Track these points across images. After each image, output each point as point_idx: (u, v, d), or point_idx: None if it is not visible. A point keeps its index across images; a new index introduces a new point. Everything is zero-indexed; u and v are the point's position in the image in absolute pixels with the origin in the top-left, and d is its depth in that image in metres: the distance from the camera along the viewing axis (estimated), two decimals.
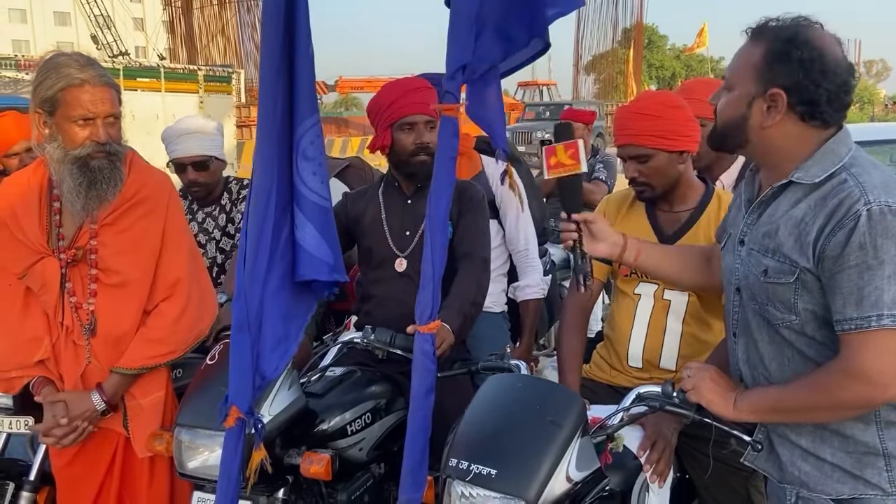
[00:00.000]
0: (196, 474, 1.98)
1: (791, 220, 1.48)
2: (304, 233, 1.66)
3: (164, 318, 2.12)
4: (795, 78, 1.44)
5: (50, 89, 1.97)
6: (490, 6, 1.56)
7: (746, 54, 1.52)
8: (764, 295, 1.53)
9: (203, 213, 3.05)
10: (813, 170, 1.47)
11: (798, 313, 1.49)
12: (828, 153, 1.48)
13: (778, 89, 1.46)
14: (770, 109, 1.48)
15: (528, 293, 2.93)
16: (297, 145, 1.62)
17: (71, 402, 2.07)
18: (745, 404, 1.56)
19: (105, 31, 27.99)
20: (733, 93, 1.54)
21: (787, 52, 1.45)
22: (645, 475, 1.88)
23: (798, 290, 1.47)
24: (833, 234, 1.40)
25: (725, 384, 1.61)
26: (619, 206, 2.31)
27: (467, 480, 1.59)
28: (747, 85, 1.50)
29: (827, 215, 1.42)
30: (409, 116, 2.39)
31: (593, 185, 4.66)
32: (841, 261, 1.39)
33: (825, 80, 1.44)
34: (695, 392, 1.61)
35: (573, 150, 1.76)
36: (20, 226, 2.08)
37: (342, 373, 2.32)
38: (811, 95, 1.44)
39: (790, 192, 1.51)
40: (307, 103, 1.62)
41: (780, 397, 1.53)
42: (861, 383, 1.40)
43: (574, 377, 2.19)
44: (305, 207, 1.65)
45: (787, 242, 1.48)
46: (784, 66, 1.45)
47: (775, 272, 1.50)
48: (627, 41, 36.83)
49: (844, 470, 1.49)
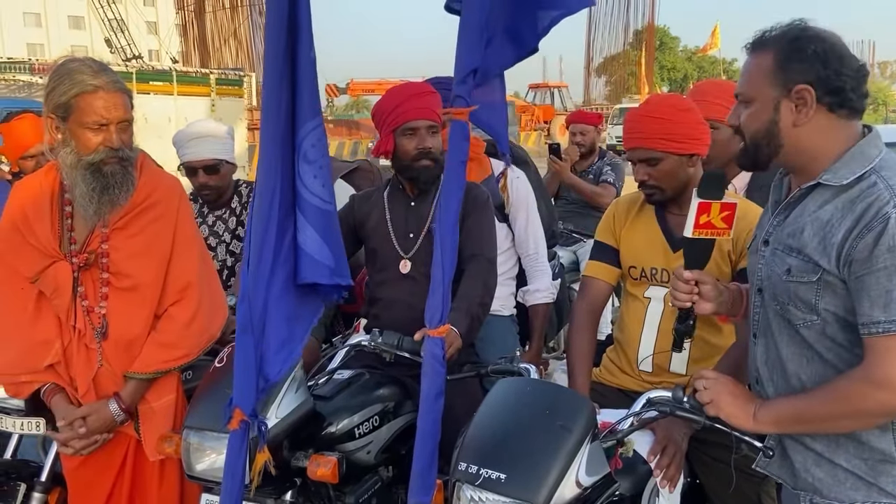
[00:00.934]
0: (204, 476, 1.98)
1: (817, 222, 1.47)
2: (305, 236, 1.66)
3: (176, 322, 2.13)
4: (816, 70, 1.45)
5: (63, 95, 1.98)
6: (500, 9, 1.56)
7: (756, 65, 1.52)
8: (786, 294, 1.52)
9: (213, 216, 3.07)
10: (842, 171, 1.46)
11: (819, 313, 1.47)
12: (857, 155, 1.47)
13: (803, 85, 1.46)
14: (799, 107, 1.48)
15: (538, 297, 2.92)
16: (299, 148, 1.62)
17: (90, 415, 2.08)
18: (765, 416, 1.54)
19: (118, 34, 28.24)
20: (754, 105, 1.53)
21: (800, 48, 1.46)
22: (655, 480, 1.88)
23: (820, 290, 1.46)
24: (861, 237, 1.39)
25: (744, 396, 1.59)
26: (628, 209, 2.30)
27: (476, 484, 1.58)
28: (767, 92, 1.50)
29: (855, 218, 1.40)
30: (411, 122, 2.40)
31: (602, 188, 4.64)
32: (869, 263, 1.38)
33: (844, 66, 1.45)
34: (713, 406, 1.58)
35: (730, 213, 1.62)
36: (32, 230, 2.09)
37: (350, 375, 2.32)
38: (836, 84, 1.45)
39: (818, 194, 1.50)
40: (309, 106, 1.62)
41: (801, 408, 1.50)
42: (883, 391, 1.38)
43: (584, 381, 2.18)
44: (306, 210, 1.65)
45: (812, 243, 1.46)
46: (801, 64, 1.45)
47: (798, 271, 1.48)
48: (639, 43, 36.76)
49: (859, 477, 1.48)
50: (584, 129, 4.90)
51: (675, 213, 2.20)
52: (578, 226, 4.65)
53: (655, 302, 2.20)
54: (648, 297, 2.21)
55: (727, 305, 1.74)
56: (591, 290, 2.31)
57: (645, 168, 2.14)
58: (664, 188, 2.14)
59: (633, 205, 2.30)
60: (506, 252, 2.91)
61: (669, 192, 2.15)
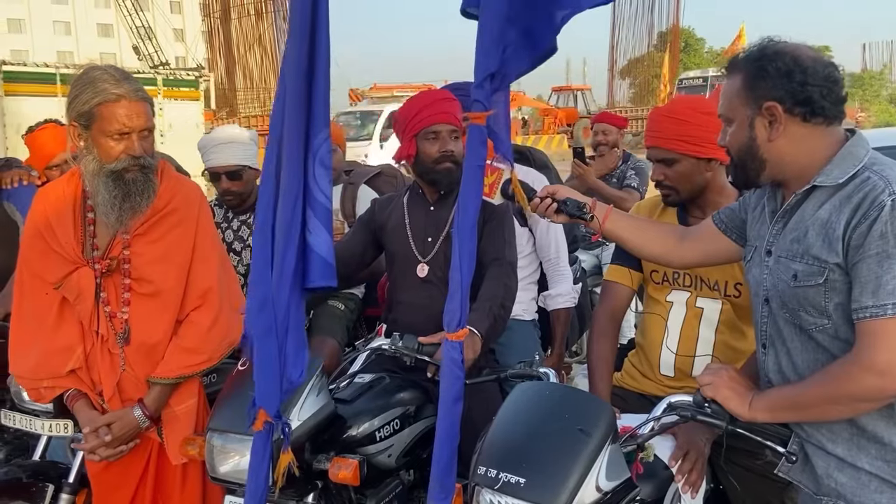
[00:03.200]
0: (227, 478, 2.00)
1: (818, 222, 1.50)
2: (317, 238, 1.67)
3: (197, 328, 2.15)
4: (782, 85, 1.50)
5: (86, 104, 2.01)
6: (517, 13, 1.56)
7: (729, 87, 1.61)
8: (795, 301, 1.53)
9: (238, 220, 3.10)
10: (834, 172, 1.50)
11: (829, 315, 1.48)
12: (846, 156, 1.51)
13: (770, 102, 1.52)
14: (772, 122, 1.53)
15: (559, 302, 2.92)
16: (316, 152, 1.64)
17: (115, 422, 2.10)
18: (760, 403, 1.56)
19: (146, 42, 28.64)
20: (734, 124, 1.60)
21: (762, 67, 1.53)
22: (677, 486, 1.86)
23: (827, 291, 1.47)
24: (858, 225, 1.42)
25: (744, 383, 1.61)
26: (650, 212, 2.28)
27: (496, 489, 1.58)
28: (741, 111, 1.57)
29: (853, 209, 1.44)
30: (434, 126, 2.42)
31: (625, 193, 4.60)
32: (862, 250, 1.41)
33: (809, 77, 1.49)
34: (711, 387, 1.61)
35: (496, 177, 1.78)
36: (55, 236, 2.12)
37: (371, 379, 2.33)
38: (802, 96, 1.50)
39: (814, 197, 1.53)
40: (323, 112, 1.65)
41: (795, 393, 1.53)
42: (872, 374, 1.39)
43: (604, 385, 2.17)
44: (320, 213, 1.67)
45: (816, 243, 1.49)
46: (766, 81, 1.52)
47: (804, 275, 1.50)
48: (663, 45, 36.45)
49: (883, 479, 1.47)
50: (607, 129, 4.88)
51: (696, 217, 2.18)
52: None
53: (678, 306, 2.18)
54: (671, 301, 2.20)
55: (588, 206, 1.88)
56: (613, 294, 2.29)
57: (661, 168, 2.14)
58: (679, 189, 2.13)
59: (655, 208, 2.28)
60: (527, 256, 2.90)
61: (684, 195, 2.14)
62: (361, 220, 2.71)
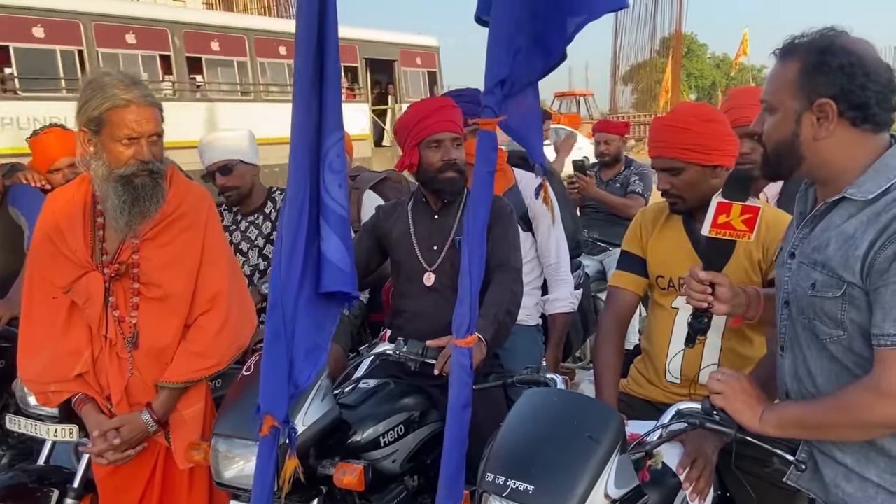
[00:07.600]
0: (233, 484, 2.00)
1: (842, 236, 1.45)
2: (330, 244, 1.66)
3: (205, 332, 2.15)
4: (840, 85, 1.42)
5: (96, 109, 2.01)
6: (528, 20, 1.56)
7: (781, 73, 1.50)
8: (811, 309, 1.50)
9: (247, 221, 3.11)
10: (866, 185, 1.44)
11: (845, 328, 1.45)
12: (881, 168, 1.44)
13: (825, 99, 1.44)
14: (821, 120, 1.46)
15: (557, 307, 2.92)
16: (325, 157, 1.64)
17: (123, 426, 2.10)
18: (772, 417, 1.54)
19: None
20: (777, 114, 1.51)
21: (824, 61, 1.43)
22: (685, 493, 1.85)
23: (845, 305, 1.44)
24: (883, 249, 1.37)
25: (756, 395, 1.59)
26: (655, 218, 2.28)
27: (504, 496, 1.57)
28: (790, 102, 1.48)
29: (879, 230, 1.38)
30: (436, 134, 2.42)
31: (630, 200, 4.60)
32: (886, 275, 1.36)
33: (870, 81, 1.41)
34: (722, 397, 1.59)
35: (751, 216, 1.61)
36: (65, 241, 2.12)
37: (375, 384, 2.32)
38: (860, 99, 1.42)
39: (843, 208, 1.48)
40: (333, 118, 1.64)
41: (807, 413, 1.50)
42: (890, 402, 1.37)
43: (611, 392, 2.16)
44: (331, 219, 1.66)
45: (835, 257, 1.44)
46: (825, 76, 1.43)
47: (823, 286, 1.47)
48: (666, 50, 36.47)
49: (889, 491, 1.45)
50: (609, 139, 4.88)
51: (702, 223, 2.17)
52: (605, 234, 4.62)
53: (683, 312, 2.17)
54: (676, 308, 2.19)
55: (743, 308, 1.74)
56: (618, 300, 2.29)
57: (667, 177, 2.13)
58: (686, 198, 2.13)
59: (661, 214, 2.28)
60: (531, 262, 2.90)
61: (691, 203, 2.13)
62: (366, 227, 2.71)
